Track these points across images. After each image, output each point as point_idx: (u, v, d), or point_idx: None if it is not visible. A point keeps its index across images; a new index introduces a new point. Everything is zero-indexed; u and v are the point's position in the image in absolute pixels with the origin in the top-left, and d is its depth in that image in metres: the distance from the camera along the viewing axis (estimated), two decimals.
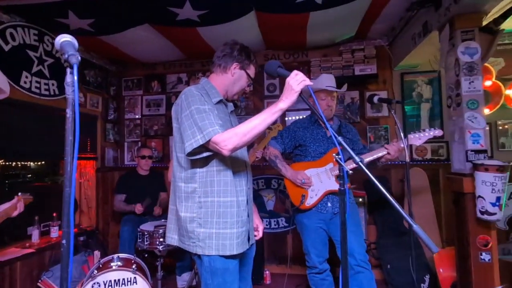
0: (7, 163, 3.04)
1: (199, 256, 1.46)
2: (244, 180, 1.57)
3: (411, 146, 3.45)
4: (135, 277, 2.16)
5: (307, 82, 1.29)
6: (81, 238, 3.09)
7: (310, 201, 2.31)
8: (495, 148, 3.39)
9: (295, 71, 1.32)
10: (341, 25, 3.08)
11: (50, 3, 2.37)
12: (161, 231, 2.61)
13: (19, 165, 3.21)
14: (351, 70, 3.49)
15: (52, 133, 3.08)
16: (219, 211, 1.45)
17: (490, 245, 2.09)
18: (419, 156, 3.46)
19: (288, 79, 1.31)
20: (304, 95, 1.31)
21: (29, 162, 3.30)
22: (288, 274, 3.12)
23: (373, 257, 3.33)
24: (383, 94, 3.56)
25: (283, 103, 1.32)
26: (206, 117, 1.39)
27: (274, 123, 2.54)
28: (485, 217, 1.99)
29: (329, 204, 2.31)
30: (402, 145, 2.18)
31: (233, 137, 1.33)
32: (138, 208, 3.14)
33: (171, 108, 1.58)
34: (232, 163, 1.52)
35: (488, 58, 2.24)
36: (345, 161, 1.15)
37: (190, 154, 1.41)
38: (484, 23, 2.21)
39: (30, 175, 3.30)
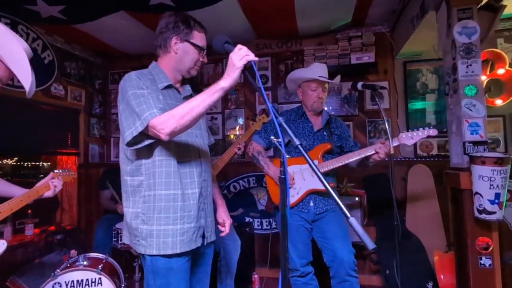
0: None
1: (143, 255, 1.38)
2: (196, 171, 1.48)
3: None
4: (100, 278, 2.10)
5: (251, 57, 1.19)
6: (58, 237, 3.07)
7: (291, 200, 2.21)
8: (510, 142, 3.20)
9: (239, 46, 1.22)
10: (333, 9, 2.97)
11: None
12: None
13: None
14: (348, 59, 3.36)
15: (25, 126, 3.08)
16: (160, 206, 1.38)
17: (491, 249, 1.94)
18: (424, 152, 3.30)
19: (231, 55, 1.22)
20: (248, 73, 1.21)
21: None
22: None
23: (371, 261, 3.20)
24: (384, 85, 3.41)
25: (224, 81, 1.23)
26: (144, 101, 1.32)
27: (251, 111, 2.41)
28: (484, 216, 1.84)
29: (311, 204, 2.21)
30: (394, 145, 2.05)
31: (170, 119, 1.25)
32: (120, 208, 3.10)
33: None
34: (178, 151, 1.43)
35: (489, 38, 2.09)
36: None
37: (130, 144, 1.34)
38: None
39: None
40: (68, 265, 2.22)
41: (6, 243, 1.68)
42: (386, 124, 1.96)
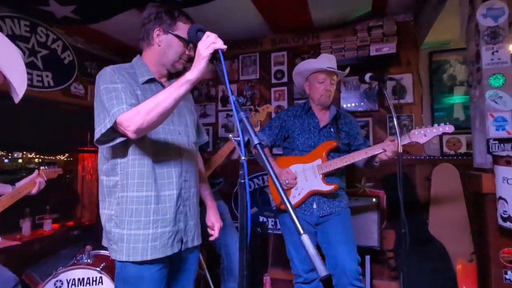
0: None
1: (115, 260, 1.33)
2: (175, 171, 1.39)
3: (440, 137, 3.02)
4: (101, 277, 2.10)
5: (218, 45, 1.09)
6: (75, 232, 3.17)
7: (292, 201, 2.08)
8: None
9: (207, 33, 1.12)
10: None
11: None
12: None
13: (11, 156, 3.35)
14: (368, 51, 3.13)
15: (47, 125, 3.19)
16: (132, 208, 1.30)
17: None
18: (450, 150, 3.00)
19: (198, 43, 1.12)
20: (217, 62, 1.10)
21: (24, 154, 3.43)
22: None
23: (388, 268, 2.98)
24: (407, 78, 3.16)
25: (191, 73, 1.14)
26: (115, 96, 1.25)
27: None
28: (508, 224, 1.61)
29: (314, 206, 2.07)
30: (404, 143, 1.86)
31: (136, 115, 1.17)
32: None
33: None
34: (155, 150, 1.35)
35: None
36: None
37: (101, 141, 1.28)
38: None
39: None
40: (75, 261, 2.26)
41: (1, 238, 1.71)
42: (395, 119, 1.77)
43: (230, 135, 1.00)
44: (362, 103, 3.30)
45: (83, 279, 2.08)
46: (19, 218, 2.96)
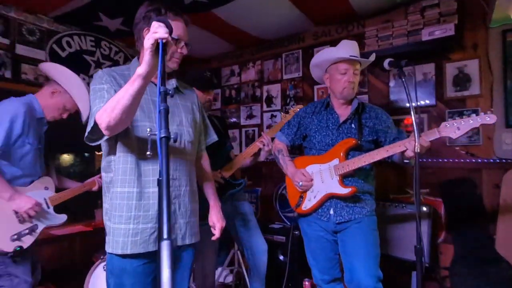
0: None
1: None
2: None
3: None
4: None
5: (158, 34, 1.06)
6: None
7: (307, 205, 1.93)
8: None
9: (152, 23, 1.10)
10: None
11: (81, 8, 2.74)
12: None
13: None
14: (420, 36, 2.72)
15: None
16: (116, 203, 1.36)
17: None
18: None
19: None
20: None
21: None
22: None
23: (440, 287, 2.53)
24: (473, 64, 2.65)
25: (140, 67, 1.13)
26: (99, 96, 1.32)
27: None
28: None
29: (331, 212, 1.87)
30: (431, 139, 1.57)
31: (103, 113, 1.21)
32: None
33: (226, 103, 1.52)
34: (140, 148, 1.37)
35: None
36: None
37: (89, 139, 1.35)
38: None
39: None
40: None
41: (66, 216, 2.02)
42: (412, 113, 1.49)
43: (148, 129, 0.98)
44: (415, 97, 2.88)
45: None
46: (93, 208, 3.38)
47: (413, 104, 1.52)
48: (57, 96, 1.96)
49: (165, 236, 0.66)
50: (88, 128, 1.31)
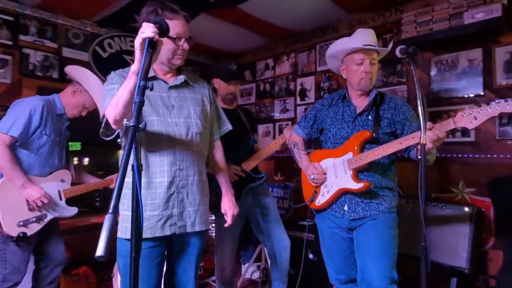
0: None
1: None
2: (167, 160, 1.47)
3: None
4: None
5: (145, 33, 1.12)
6: None
7: (320, 200, 1.85)
8: None
9: (145, 24, 1.15)
10: None
11: (118, 11, 2.93)
12: None
13: None
14: (463, 19, 2.44)
15: None
16: (125, 192, 1.44)
17: None
18: None
19: None
20: (153, 51, 1.14)
21: None
22: None
23: None
24: None
25: (133, 65, 1.20)
26: (111, 94, 1.41)
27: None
28: None
29: (345, 208, 1.76)
30: (447, 129, 1.42)
31: (109, 109, 1.31)
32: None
33: (261, 96, 1.59)
34: (148, 141, 1.45)
35: None
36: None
37: (104, 134, 1.47)
38: None
39: None
40: None
41: (77, 209, 2.17)
42: (419, 102, 1.34)
43: (125, 119, 1.01)
44: (460, 87, 2.59)
45: None
46: None
47: (420, 93, 1.36)
48: (78, 95, 2.11)
49: (109, 210, 0.81)
50: (102, 124, 1.43)
